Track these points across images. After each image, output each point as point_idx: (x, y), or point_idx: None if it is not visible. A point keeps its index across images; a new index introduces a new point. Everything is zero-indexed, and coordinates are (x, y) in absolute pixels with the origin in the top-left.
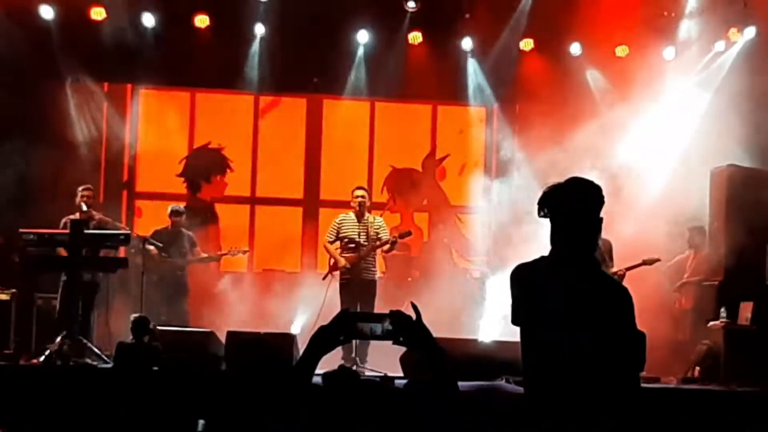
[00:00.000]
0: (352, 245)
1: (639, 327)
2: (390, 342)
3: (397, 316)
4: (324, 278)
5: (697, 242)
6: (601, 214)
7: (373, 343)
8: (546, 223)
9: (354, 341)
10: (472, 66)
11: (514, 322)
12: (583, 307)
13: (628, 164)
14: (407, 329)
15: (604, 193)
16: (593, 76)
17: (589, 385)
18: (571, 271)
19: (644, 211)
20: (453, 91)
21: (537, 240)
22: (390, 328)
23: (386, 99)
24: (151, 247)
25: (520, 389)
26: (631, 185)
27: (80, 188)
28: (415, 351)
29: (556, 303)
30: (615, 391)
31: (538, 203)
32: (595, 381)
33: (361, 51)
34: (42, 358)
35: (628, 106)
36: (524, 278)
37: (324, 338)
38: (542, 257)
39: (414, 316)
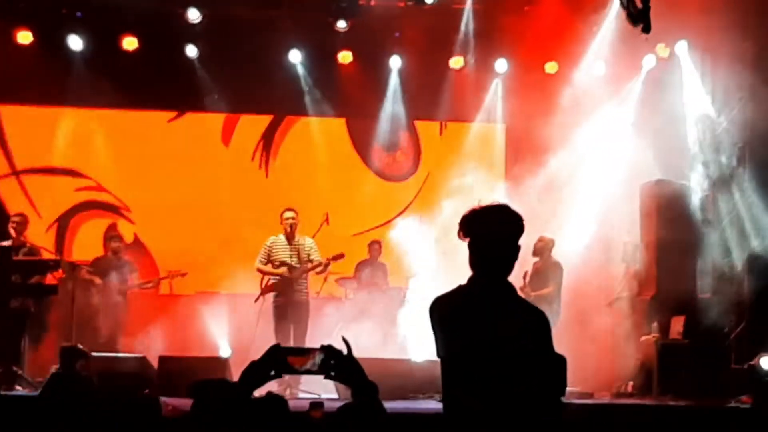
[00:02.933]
0: (284, 268)
1: (571, 343)
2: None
3: (327, 351)
4: (256, 300)
5: (630, 257)
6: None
7: None
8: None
9: None
10: (393, 84)
11: (438, 354)
12: (501, 334)
13: (560, 181)
14: (338, 364)
15: (535, 213)
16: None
17: (511, 412)
18: (489, 298)
19: (577, 228)
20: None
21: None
22: (320, 363)
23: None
24: (91, 276)
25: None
26: (564, 201)
27: (12, 215)
28: (346, 385)
29: (474, 332)
30: (537, 417)
31: (459, 225)
32: (516, 408)
33: (301, 70)
34: None
35: (557, 123)
36: (442, 311)
37: (255, 373)
38: (459, 286)
39: (345, 350)
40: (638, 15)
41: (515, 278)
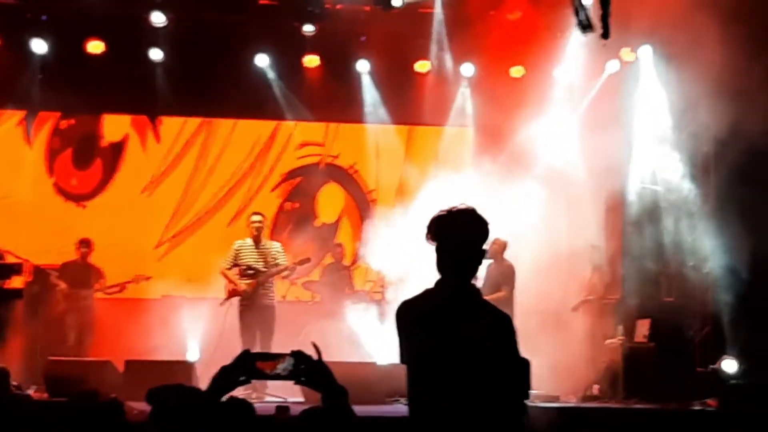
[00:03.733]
0: (251, 272)
1: (537, 345)
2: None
3: (297, 356)
4: (221, 304)
5: (596, 261)
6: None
7: None
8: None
9: None
10: (367, 87)
11: (402, 360)
12: (467, 336)
13: (527, 184)
14: (308, 369)
15: (499, 217)
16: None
17: (476, 414)
18: (456, 301)
19: (543, 232)
20: (350, 111)
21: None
22: (291, 368)
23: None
24: (57, 281)
25: None
26: (531, 204)
27: None
28: (316, 390)
29: (441, 335)
30: (501, 419)
31: (427, 228)
32: (480, 410)
33: (271, 74)
34: None
35: (524, 127)
36: (408, 316)
37: (225, 379)
38: (425, 291)
39: (315, 355)
40: (590, 24)
41: None
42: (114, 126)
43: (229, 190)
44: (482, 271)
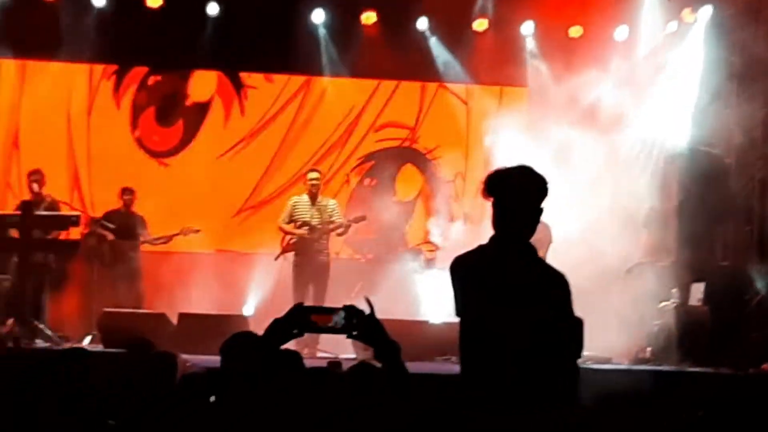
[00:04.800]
0: (306, 228)
1: (589, 306)
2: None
3: (350, 311)
4: (276, 259)
5: (651, 223)
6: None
7: None
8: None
9: None
10: (433, 44)
11: (456, 313)
12: (522, 293)
13: (581, 145)
14: (360, 324)
15: (555, 177)
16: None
17: (527, 373)
18: (510, 258)
19: (598, 193)
20: (415, 69)
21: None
22: (344, 322)
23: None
24: (105, 230)
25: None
26: (585, 166)
27: (30, 171)
28: (368, 344)
29: (494, 292)
30: (553, 378)
31: (484, 184)
32: (533, 367)
33: (321, 30)
34: None
35: (578, 88)
36: (463, 270)
37: (278, 331)
38: (480, 246)
39: (367, 310)
40: None
41: None
42: (200, 86)
43: (315, 162)
44: None
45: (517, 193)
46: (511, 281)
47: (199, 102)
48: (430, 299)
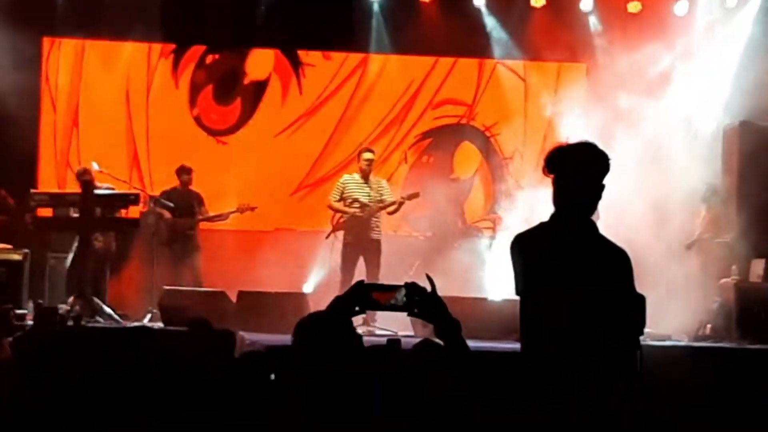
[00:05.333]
0: (357, 205)
1: (650, 283)
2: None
3: (411, 288)
4: (327, 237)
5: (710, 199)
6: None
7: None
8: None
9: None
10: (490, 21)
11: (517, 291)
12: (583, 270)
13: (640, 121)
14: (421, 301)
15: (614, 153)
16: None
17: (590, 348)
18: (571, 235)
19: (657, 169)
20: (473, 46)
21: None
22: (405, 299)
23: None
24: (163, 209)
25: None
26: (645, 142)
27: (77, 171)
28: (430, 323)
29: (556, 269)
30: (615, 354)
31: (545, 161)
32: (595, 344)
33: (376, 7)
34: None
35: (638, 63)
36: (523, 247)
37: (340, 309)
38: (541, 224)
39: (428, 288)
40: None
41: None
42: (258, 64)
43: (373, 140)
44: None
45: (579, 170)
46: (572, 258)
47: (257, 80)
48: (489, 277)
